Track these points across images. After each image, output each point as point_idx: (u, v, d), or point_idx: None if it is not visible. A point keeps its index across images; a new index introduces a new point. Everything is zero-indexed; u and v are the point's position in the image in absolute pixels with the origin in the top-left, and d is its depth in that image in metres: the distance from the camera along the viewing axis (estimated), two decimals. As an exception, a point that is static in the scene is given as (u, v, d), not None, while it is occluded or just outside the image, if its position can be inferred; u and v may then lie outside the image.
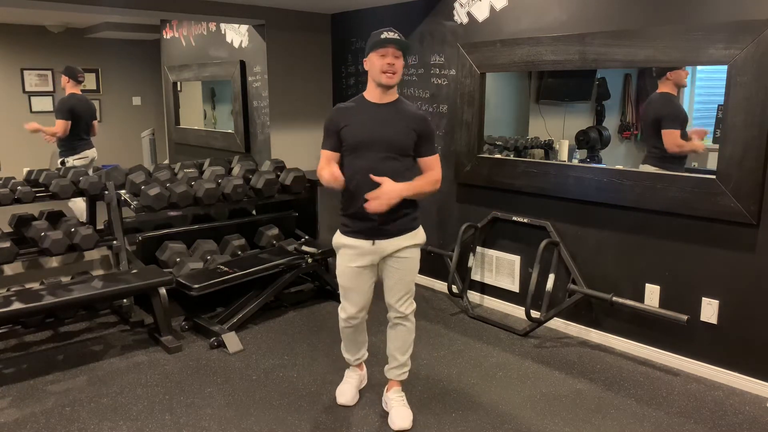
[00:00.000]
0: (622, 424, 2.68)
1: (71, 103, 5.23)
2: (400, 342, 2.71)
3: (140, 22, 6.70)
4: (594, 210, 3.47)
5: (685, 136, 3.56)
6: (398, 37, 2.43)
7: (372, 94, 2.54)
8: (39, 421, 2.70)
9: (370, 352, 3.03)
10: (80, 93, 5.40)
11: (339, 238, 2.63)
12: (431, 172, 2.60)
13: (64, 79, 5.38)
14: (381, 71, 2.43)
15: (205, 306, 3.95)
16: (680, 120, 3.56)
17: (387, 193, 2.41)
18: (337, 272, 2.67)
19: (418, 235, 2.64)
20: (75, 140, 5.30)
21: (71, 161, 5.23)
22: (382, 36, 2.42)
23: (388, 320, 2.71)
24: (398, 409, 2.70)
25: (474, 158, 4.01)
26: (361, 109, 2.54)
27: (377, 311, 2.92)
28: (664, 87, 3.57)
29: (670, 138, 3.50)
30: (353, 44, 4.92)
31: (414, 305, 2.68)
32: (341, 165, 2.56)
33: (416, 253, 2.64)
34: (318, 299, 4.20)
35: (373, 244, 2.54)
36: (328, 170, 2.46)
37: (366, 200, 2.43)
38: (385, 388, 2.84)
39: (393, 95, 2.54)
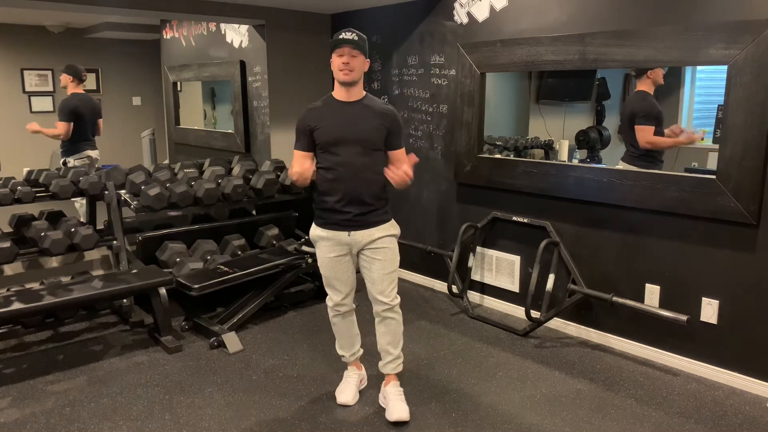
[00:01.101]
0: (622, 424, 2.68)
1: (74, 104, 5.12)
2: (391, 336, 2.77)
3: (140, 22, 6.70)
4: (594, 210, 3.47)
5: (660, 130, 3.58)
6: (354, 38, 2.56)
7: (339, 93, 2.66)
8: (39, 421, 2.71)
9: (366, 351, 3.03)
10: (83, 92, 5.32)
11: (315, 230, 2.75)
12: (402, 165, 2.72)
13: (66, 78, 5.20)
14: (338, 69, 2.59)
15: (205, 306, 3.95)
16: (653, 116, 3.58)
17: (407, 176, 2.60)
18: (318, 263, 2.78)
19: (393, 226, 2.75)
20: (78, 141, 5.26)
21: (72, 161, 5.21)
22: (340, 36, 2.57)
23: (375, 316, 2.77)
24: (395, 402, 2.74)
25: (474, 158, 4.01)
26: (330, 109, 2.67)
27: (367, 310, 2.92)
28: (643, 85, 3.60)
29: (642, 134, 3.52)
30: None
31: (398, 298, 2.75)
32: (317, 161, 2.71)
33: (393, 243, 2.74)
34: (318, 299, 4.20)
35: (349, 235, 2.66)
36: (298, 165, 2.67)
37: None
38: (383, 383, 2.86)
39: (360, 93, 2.67)
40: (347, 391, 2.88)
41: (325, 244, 2.71)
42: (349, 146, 2.61)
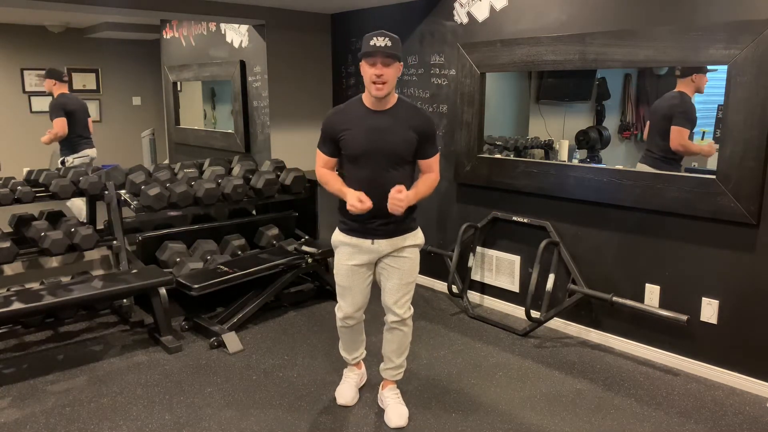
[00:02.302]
0: (622, 424, 2.68)
1: (63, 102, 5.21)
2: (396, 345, 2.71)
3: (140, 22, 6.70)
4: (594, 210, 3.47)
5: (691, 136, 3.55)
6: (387, 44, 2.33)
7: (369, 99, 2.48)
8: (39, 421, 2.70)
9: (368, 352, 3.03)
10: (68, 92, 5.39)
11: (338, 236, 2.63)
12: (430, 174, 2.59)
13: (49, 82, 5.29)
14: (371, 81, 2.38)
15: (205, 306, 3.95)
16: (692, 121, 3.53)
17: (401, 200, 2.40)
18: (334, 271, 2.67)
19: (417, 236, 2.64)
20: (75, 138, 5.29)
21: (71, 160, 5.22)
22: (371, 42, 2.35)
23: (385, 323, 2.70)
24: (394, 406, 2.71)
25: (474, 158, 4.01)
26: (359, 117, 2.48)
27: (377, 311, 2.92)
28: (683, 87, 3.52)
29: (678, 135, 3.46)
30: (353, 44, 4.92)
31: (412, 310, 2.68)
32: (341, 167, 2.58)
33: (416, 254, 2.64)
34: (318, 299, 4.20)
35: (372, 243, 2.55)
36: (323, 173, 2.56)
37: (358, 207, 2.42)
38: (380, 386, 2.84)
39: (391, 100, 2.49)
40: (347, 393, 2.86)
41: (346, 250, 2.59)
42: (376, 160, 2.45)
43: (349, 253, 2.59)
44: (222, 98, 6.18)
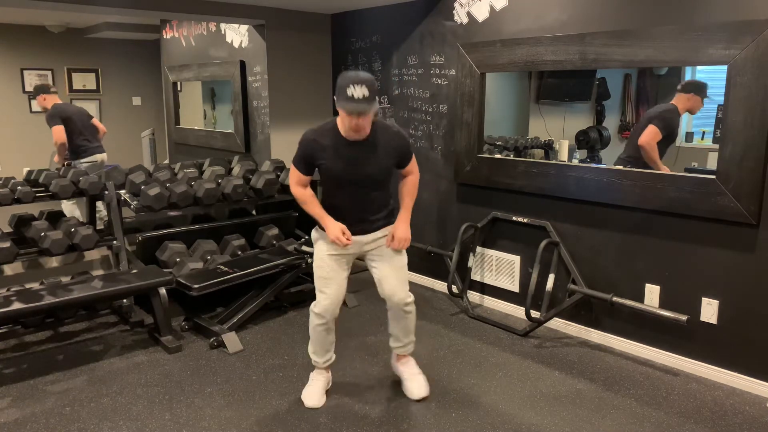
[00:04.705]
0: (622, 424, 2.68)
1: (58, 109, 5.24)
2: (403, 325, 2.85)
3: (140, 22, 6.69)
4: (594, 210, 3.47)
5: (663, 148, 3.56)
6: (365, 95, 2.32)
7: (345, 131, 2.52)
8: (39, 421, 2.70)
9: (366, 352, 3.03)
10: (61, 101, 5.41)
11: (317, 233, 2.76)
12: (411, 177, 2.75)
13: (40, 98, 5.34)
14: (348, 128, 2.46)
15: (205, 306, 3.95)
16: (669, 130, 3.58)
17: (404, 240, 2.67)
18: (314, 265, 2.75)
19: (390, 223, 2.78)
20: (79, 143, 5.29)
21: (79, 164, 5.22)
22: (348, 93, 2.33)
23: (388, 309, 2.83)
24: (412, 378, 2.86)
25: (474, 158, 4.01)
26: (335, 148, 2.54)
27: (376, 310, 2.92)
28: (679, 102, 3.59)
29: (650, 133, 3.50)
30: (353, 44, 4.92)
31: (412, 296, 2.80)
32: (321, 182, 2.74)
33: None
34: (318, 299, 4.19)
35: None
36: (298, 190, 2.66)
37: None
38: (394, 359, 2.98)
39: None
40: (315, 395, 2.85)
41: (326, 242, 2.71)
42: (355, 186, 2.61)
43: (329, 245, 2.69)
44: (222, 98, 6.17)
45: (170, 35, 6.35)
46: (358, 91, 2.33)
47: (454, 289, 4.12)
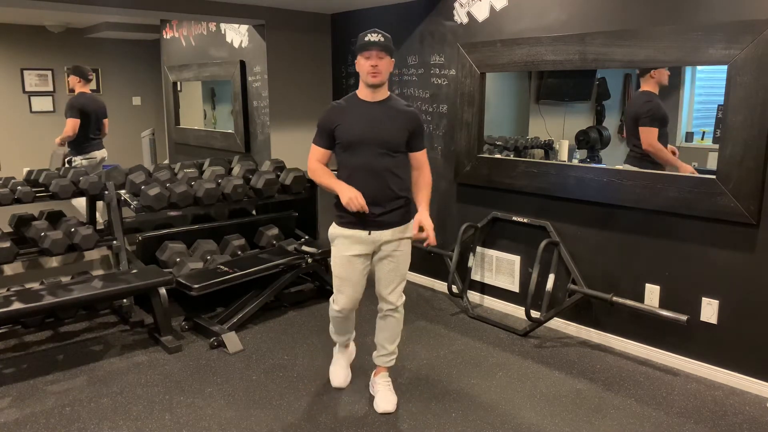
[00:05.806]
0: (622, 424, 2.68)
1: (81, 102, 5.22)
2: (389, 332, 2.82)
3: (140, 22, 6.70)
4: (594, 210, 3.47)
5: (665, 136, 3.55)
6: (381, 39, 2.53)
7: (364, 92, 2.64)
8: (39, 421, 2.71)
9: (368, 352, 3.03)
10: (89, 92, 5.41)
11: (334, 229, 2.72)
12: (424, 171, 2.75)
13: (73, 79, 5.37)
14: (367, 72, 2.56)
15: (205, 306, 3.95)
16: (658, 118, 3.56)
17: (430, 226, 2.65)
18: (332, 263, 2.76)
19: (409, 228, 2.75)
20: (83, 140, 5.28)
21: (78, 161, 5.22)
22: (366, 39, 2.54)
23: (378, 311, 2.81)
24: (384, 393, 2.82)
25: (474, 158, 4.01)
26: (354, 108, 2.64)
27: (375, 310, 2.92)
28: (647, 85, 3.58)
29: (646, 136, 3.51)
30: (353, 44, 4.92)
31: (404, 297, 2.79)
32: (336, 161, 2.70)
33: (409, 246, 2.76)
34: (318, 299, 4.20)
35: (369, 234, 2.64)
36: (315, 163, 2.67)
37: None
38: (373, 373, 2.94)
39: (384, 93, 2.64)
40: (340, 374, 2.99)
41: (343, 241, 2.67)
42: (371, 147, 2.58)
43: (346, 244, 2.67)
44: (222, 98, 6.18)
45: (170, 35, 6.35)
46: (375, 37, 2.53)
47: (454, 289, 4.12)
